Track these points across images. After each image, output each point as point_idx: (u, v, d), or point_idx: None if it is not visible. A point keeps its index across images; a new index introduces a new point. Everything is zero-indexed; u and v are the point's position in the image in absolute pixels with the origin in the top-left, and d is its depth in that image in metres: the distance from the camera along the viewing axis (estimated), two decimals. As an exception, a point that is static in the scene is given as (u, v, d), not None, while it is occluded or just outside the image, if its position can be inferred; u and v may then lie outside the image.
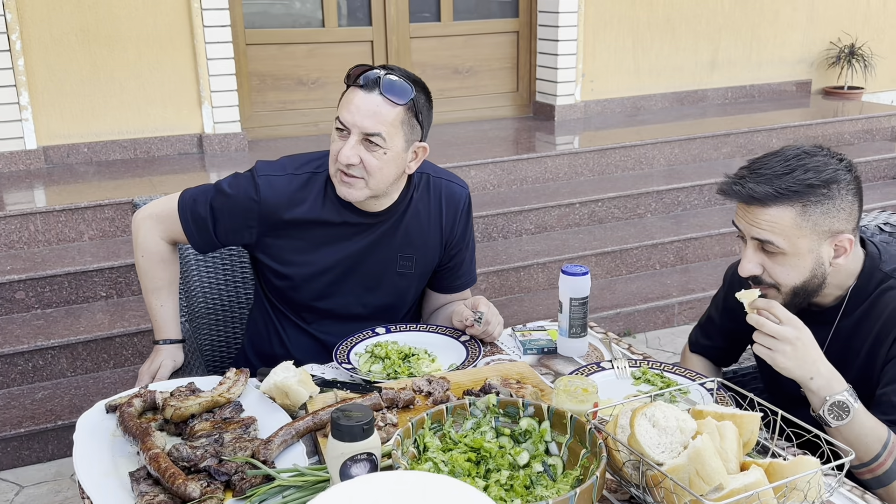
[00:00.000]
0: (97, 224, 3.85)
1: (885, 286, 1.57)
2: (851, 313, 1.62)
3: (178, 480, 1.29)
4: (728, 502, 1.11)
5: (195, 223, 1.94)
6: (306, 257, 1.96)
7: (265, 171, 1.92)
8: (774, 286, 1.56)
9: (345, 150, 1.79)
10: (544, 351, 1.87)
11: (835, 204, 1.51)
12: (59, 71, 4.36)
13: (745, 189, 1.52)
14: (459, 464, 1.31)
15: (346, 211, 1.92)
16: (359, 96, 1.79)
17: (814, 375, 1.47)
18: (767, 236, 1.52)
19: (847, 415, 1.45)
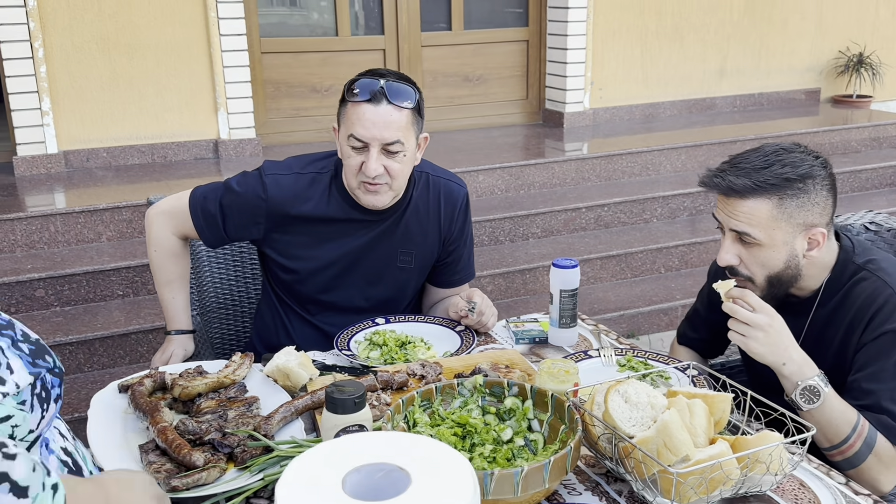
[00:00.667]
0: (115, 225, 3.97)
1: (858, 277, 1.65)
2: (826, 304, 1.69)
3: (183, 450, 1.38)
4: (691, 469, 1.19)
5: (205, 219, 2.04)
6: (311, 252, 2.06)
7: (272, 170, 2.02)
8: (750, 277, 1.64)
9: (371, 164, 1.86)
10: (535, 341, 1.95)
11: (809, 198, 1.59)
12: (80, 78, 4.50)
13: (725, 181, 1.60)
14: (446, 437, 1.39)
15: (350, 208, 2.02)
16: (369, 110, 1.86)
17: (786, 361, 1.54)
18: (745, 228, 1.60)
19: (818, 399, 1.53)
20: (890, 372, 1.56)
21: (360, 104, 1.86)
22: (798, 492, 1.35)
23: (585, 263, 4.28)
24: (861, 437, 1.52)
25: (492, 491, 1.21)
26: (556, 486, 1.29)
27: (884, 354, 1.57)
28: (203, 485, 1.34)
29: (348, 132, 1.89)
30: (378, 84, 1.86)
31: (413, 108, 1.90)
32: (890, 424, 1.53)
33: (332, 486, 0.94)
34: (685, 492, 1.22)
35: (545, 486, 1.23)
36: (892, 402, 1.54)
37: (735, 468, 1.23)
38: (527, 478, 1.21)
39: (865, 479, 1.53)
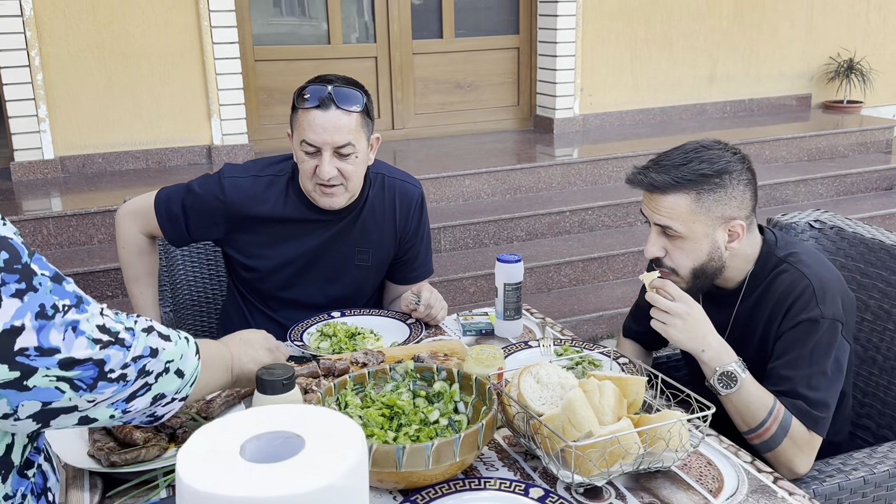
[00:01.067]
0: (106, 228, 4.08)
1: (779, 270, 1.72)
2: (750, 296, 1.76)
3: (125, 429, 1.47)
4: (589, 443, 1.27)
5: (169, 220, 2.13)
6: (270, 251, 2.14)
7: (231, 173, 2.12)
8: (675, 269, 1.71)
9: (324, 167, 1.95)
10: (482, 332, 2.03)
11: (727, 192, 1.66)
12: (76, 85, 4.62)
13: (647, 178, 1.68)
14: (374, 418, 1.47)
15: (306, 209, 2.10)
16: (319, 116, 1.94)
17: (705, 348, 1.61)
18: (667, 222, 1.67)
19: (735, 384, 1.59)
20: (806, 359, 1.62)
21: (310, 110, 1.94)
22: (704, 469, 1.42)
23: (568, 266, 4.35)
24: (777, 420, 1.58)
25: (404, 463, 1.29)
26: (471, 460, 1.37)
27: (800, 343, 1.63)
28: (142, 461, 1.43)
29: (300, 138, 1.97)
30: (326, 90, 1.94)
31: (361, 111, 1.98)
32: (804, 409, 1.60)
33: (230, 452, 1.02)
34: (586, 465, 1.29)
35: (456, 459, 1.31)
36: (807, 387, 1.61)
37: (634, 443, 1.30)
38: (437, 451, 1.29)
39: (782, 461, 1.60)
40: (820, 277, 1.67)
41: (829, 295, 1.64)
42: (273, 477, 0.97)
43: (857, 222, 2.23)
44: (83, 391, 1.10)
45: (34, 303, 1.04)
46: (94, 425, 1.18)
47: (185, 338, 1.28)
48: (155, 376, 1.19)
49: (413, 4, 5.59)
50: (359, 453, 1.02)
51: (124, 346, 1.13)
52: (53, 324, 1.06)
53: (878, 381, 2.04)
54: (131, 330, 1.16)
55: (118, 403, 1.16)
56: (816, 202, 5.27)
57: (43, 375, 1.05)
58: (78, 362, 1.08)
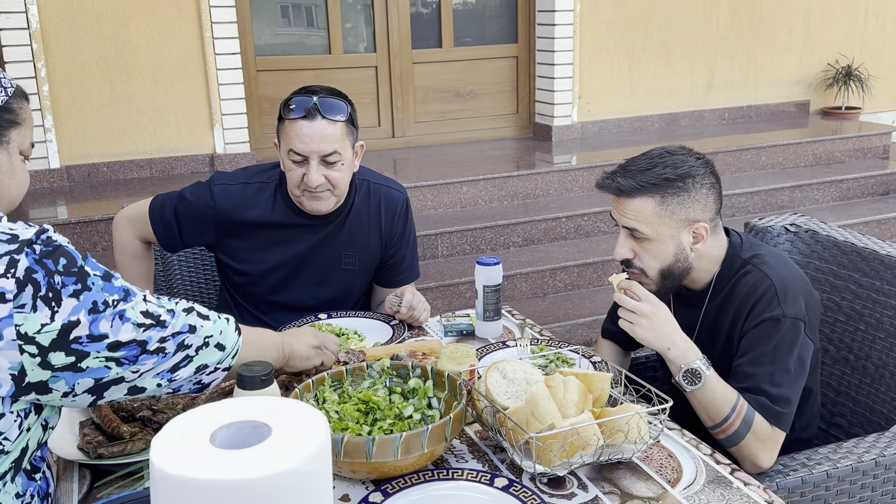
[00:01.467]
0: (109, 236, 4.16)
1: (743, 271, 1.78)
2: (716, 297, 1.82)
3: (113, 424, 1.54)
4: (549, 434, 1.33)
5: (163, 226, 2.21)
6: (260, 256, 2.22)
7: (220, 180, 2.20)
8: (644, 270, 1.77)
9: (312, 175, 2.03)
10: (463, 333, 2.09)
11: (690, 196, 1.73)
12: (81, 96, 4.72)
13: (614, 183, 1.74)
14: (350, 413, 1.54)
15: (294, 214, 2.18)
16: (305, 126, 2.02)
17: (670, 346, 1.67)
18: (633, 224, 1.74)
19: (699, 381, 1.65)
20: (769, 357, 1.68)
21: (297, 121, 2.02)
22: (664, 461, 1.48)
23: (563, 271, 4.41)
24: (740, 416, 1.64)
25: (374, 454, 1.35)
26: (440, 451, 1.43)
27: (763, 341, 1.69)
28: (128, 454, 1.50)
29: (288, 147, 2.05)
30: (311, 101, 2.02)
31: (346, 120, 2.06)
32: (767, 405, 1.66)
33: (200, 439, 1.09)
34: (548, 456, 1.35)
35: (424, 450, 1.37)
36: (770, 384, 1.67)
37: (594, 435, 1.37)
38: (406, 442, 1.35)
39: (746, 455, 1.66)
40: (782, 278, 1.72)
41: (791, 295, 1.70)
42: (240, 462, 1.04)
43: (831, 226, 2.28)
44: (127, 365, 1.29)
45: (88, 300, 1.23)
46: (144, 395, 1.35)
47: (226, 318, 1.45)
48: (195, 349, 1.37)
49: (412, 14, 5.67)
50: (321, 439, 1.08)
51: (164, 326, 1.31)
52: (104, 315, 1.24)
53: (850, 381, 2.09)
54: (172, 311, 1.34)
55: (163, 374, 1.34)
56: (814, 208, 5.31)
57: (94, 357, 1.25)
58: (123, 344, 1.27)
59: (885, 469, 1.72)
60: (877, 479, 1.72)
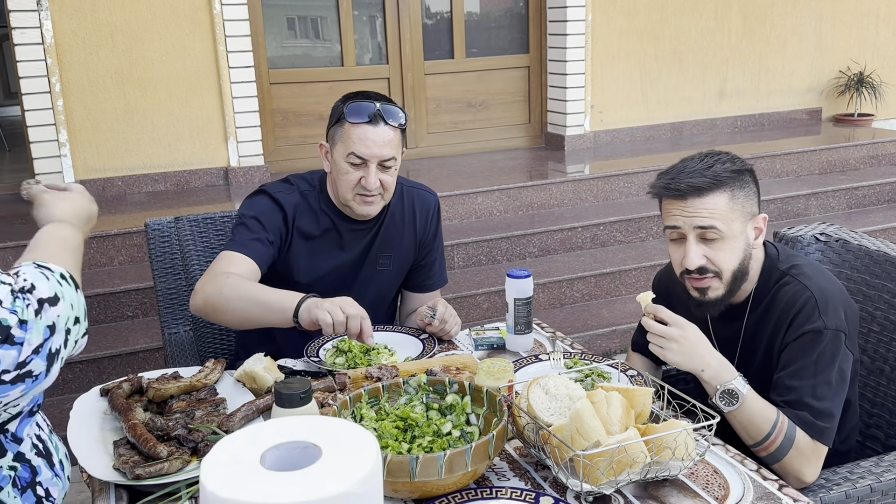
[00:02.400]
0: (126, 250, 4.16)
1: (781, 282, 1.75)
2: (756, 310, 1.80)
3: (150, 443, 1.52)
4: (596, 451, 1.31)
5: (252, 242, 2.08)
6: (311, 264, 2.20)
7: (275, 189, 2.18)
8: (717, 274, 1.73)
9: (370, 179, 2.05)
10: (493, 347, 2.08)
11: (751, 189, 1.74)
12: (95, 110, 4.73)
13: (684, 184, 1.70)
14: (388, 430, 1.52)
15: (342, 221, 2.19)
16: (370, 131, 2.03)
17: (704, 368, 1.65)
18: (709, 222, 1.69)
19: (737, 401, 1.63)
20: (810, 370, 1.66)
21: (361, 125, 2.04)
22: (710, 477, 1.45)
23: (580, 281, 4.39)
24: (781, 433, 1.61)
25: (418, 473, 1.33)
26: (483, 469, 1.41)
27: (804, 353, 1.67)
28: (166, 474, 1.48)
29: (348, 150, 2.06)
30: (375, 106, 2.04)
31: (403, 127, 2.09)
32: (809, 420, 1.63)
33: (251, 461, 1.07)
34: (594, 474, 1.33)
35: (468, 469, 1.35)
36: (812, 397, 1.64)
37: (641, 452, 1.34)
38: (450, 461, 1.33)
39: (789, 471, 1.63)
40: (822, 289, 1.70)
41: (832, 306, 1.68)
42: (292, 484, 1.02)
43: (862, 234, 2.26)
44: None
45: None
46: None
47: (61, 275, 1.29)
48: (63, 344, 1.24)
49: (425, 25, 5.68)
50: (373, 461, 1.06)
51: (15, 343, 1.14)
52: None
53: (887, 392, 2.06)
54: (24, 323, 1.16)
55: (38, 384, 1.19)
56: (828, 215, 5.28)
57: None
58: None
59: (929, 482, 1.69)
60: (920, 493, 1.70)
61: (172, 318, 2.49)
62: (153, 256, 2.48)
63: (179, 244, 2.49)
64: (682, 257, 1.75)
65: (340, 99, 2.13)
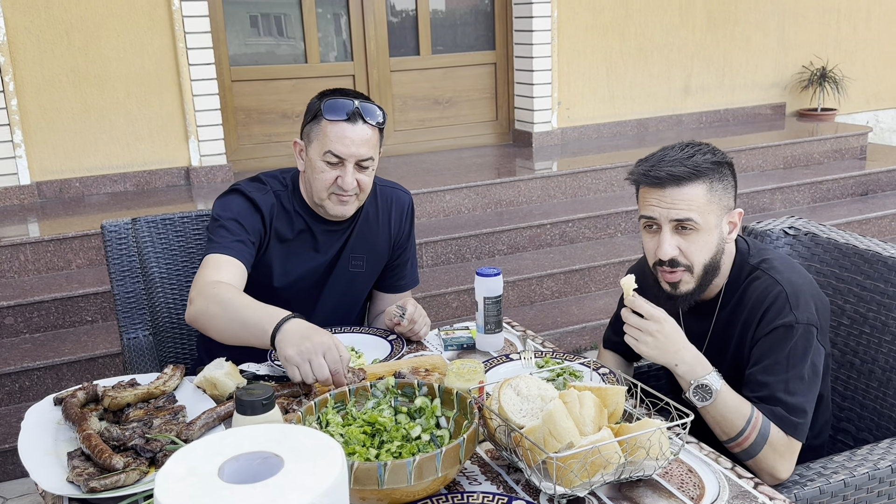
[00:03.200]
0: (84, 253, 4.05)
1: (752, 277, 1.73)
2: (727, 305, 1.78)
3: (105, 454, 1.45)
4: (570, 453, 1.27)
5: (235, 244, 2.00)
6: (285, 267, 2.13)
7: (250, 189, 2.09)
8: (688, 268, 1.70)
9: (347, 179, 1.99)
10: (463, 347, 2.03)
11: (729, 182, 1.71)
12: (51, 110, 4.60)
13: (664, 172, 1.66)
14: (355, 436, 1.47)
15: (316, 222, 2.12)
16: (349, 129, 1.98)
17: (678, 363, 1.62)
18: (686, 214, 1.66)
19: (710, 396, 1.60)
20: (782, 365, 1.64)
21: (339, 123, 1.97)
22: (685, 476, 1.42)
23: (550, 278, 4.36)
24: (755, 429, 1.59)
25: (386, 480, 1.28)
26: (453, 474, 1.37)
27: (776, 348, 1.65)
28: (122, 486, 1.41)
29: (325, 149, 1.99)
30: (353, 104, 1.98)
31: (381, 126, 2.03)
32: (783, 415, 1.61)
33: (208, 474, 1.01)
34: (568, 476, 1.29)
35: (438, 474, 1.31)
36: (785, 392, 1.62)
37: (615, 453, 1.31)
38: (419, 467, 1.29)
39: (763, 467, 1.61)
40: (793, 283, 1.68)
41: (803, 300, 1.66)
42: (252, 498, 0.97)
43: (830, 228, 2.26)
44: None
45: None
46: None
47: None
48: None
49: (390, 22, 5.62)
50: (338, 471, 1.01)
51: None
52: None
53: (857, 385, 2.06)
54: None
55: None
56: (793, 209, 5.32)
57: None
58: None
59: (902, 476, 1.68)
60: (893, 486, 1.69)
61: (131, 323, 2.41)
62: (110, 259, 2.40)
63: (137, 246, 2.41)
64: (655, 247, 1.72)
65: (317, 95, 2.06)
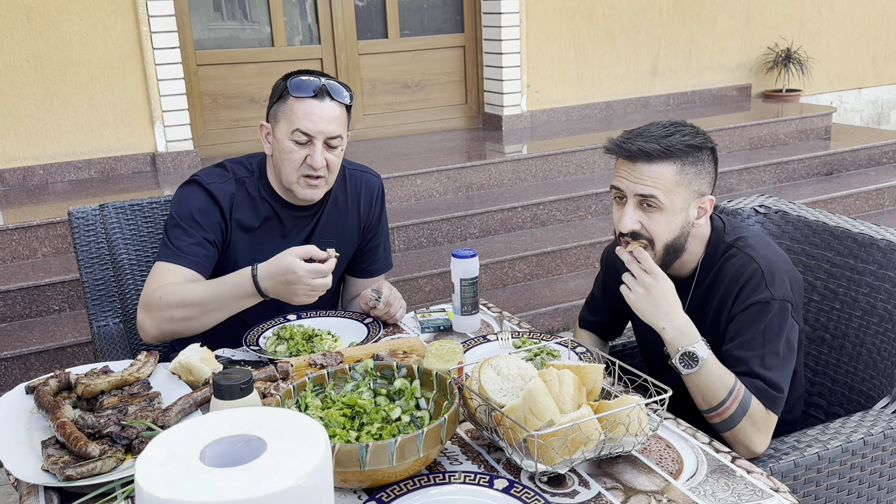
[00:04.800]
0: (50, 241, 3.98)
1: (727, 255, 1.75)
2: (702, 283, 1.79)
3: (80, 442, 1.43)
4: (550, 431, 1.27)
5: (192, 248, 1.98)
6: (252, 256, 2.06)
7: (209, 179, 2.05)
8: (650, 241, 1.71)
9: (317, 157, 1.96)
10: (440, 329, 2.03)
11: (703, 167, 1.70)
12: (13, 96, 4.50)
13: (636, 146, 1.67)
14: (335, 418, 1.46)
15: (284, 208, 2.09)
16: (315, 106, 1.95)
17: (665, 326, 1.63)
18: (650, 191, 1.67)
19: (696, 364, 1.61)
20: (758, 340, 1.66)
21: (306, 100, 1.95)
22: (664, 452, 1.44)
23: (522, 261, 4.37)
24: (736, 400, 1.61)
25: (368, 462, 1.28)
26: (435, 455, 1.37)
27: (752, 324, 1.67)
28: (99, 474, 1.39)
29: (293, 127, 1.96)
30: (320, 81, 1.97)
31: (348, 105, 2.02)
32: (762, 388, 1.63)
33: (190, 458, 1.00)
34: (549, 453, 1.30)
35: (420, 455, 1.31)
36: (762, 367, 1.64)
37: (595, 430, 1.32)
38: (401, 447, 1.28)
39: (740, 439, 1.63)
40: (768, 260, 1.70)
41: (778, 277, 1.68)
42: (236, 480, 0.96)
43: (801, 206, 2.29)
44: None
45: None
46: None
47: None
48: None
49: (357, 5, 5.56)
50: (322, 452, 1.01)
51: None
52: None
53: (828, 360, 2.09)
54: None
55: None
56: (759, 189, 5.39)
57: None
58: None
59: (873, 448, 1.71)
60: (865, 459, 1.72)
61: (101, 311, 2.38)
62: (78, 246, 2.36)
63: (105, 233, 2.37)
64: (619, 218, 1.74)
65: (282, 77, 2.03)
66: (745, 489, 1.33)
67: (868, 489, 1.75)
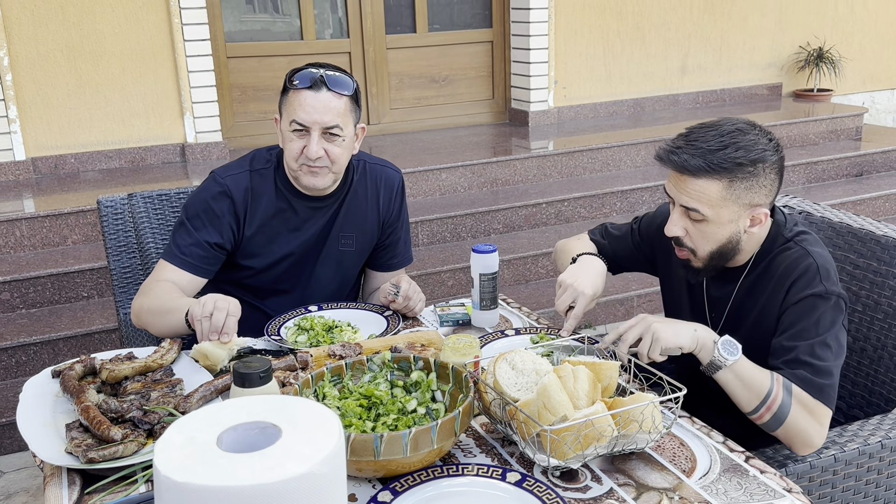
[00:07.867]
0: (80, 229, 4.05)
1: (783, 247, 1.72)
2: (753, 272, 1.76)
3: (103, 426, 1.46)
4: (563, 426, 1.28)
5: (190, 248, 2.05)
6: (266, 248, 2.14)
7: (225, 173, 2.11)
8: (693, 249, 1.71)
9: (312, 147, 1.99)
10: (459, 323, 2.05)
11: (758, 181, 1.64)
12: (46, 85, 4.58)
13: (680, 160, 1.64)
14: (352, 409, 1.48)
15: (298, 199, 2.12)
16: (311, 96, 1.98)
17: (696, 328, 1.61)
18: (694, 205, 1.65)
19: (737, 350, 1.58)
20: (810, 332, 1.61)
21: (302, 91, 1.98)
22: (677, 450, 1.44)
23: (545, 257, 4.37)
24: (780, 385, 1.56)
25: (382, 452, 1.30)
26: (449, 447, 1.38)
27: (804, 316, 1.63)
28: (120, 457, 1.43)
29: (290, 118, 2.00)
30: (318, 73, 1.99)
31: (351, 96, 2.02)
32: (807, 377, 1.58)
33: (207, 443, 1.03)
34: (561, 448, 1.31)
35: (433, 446, 1.32)
36: (810, 356, 1.59)
37: (608, 426, 1.33)
38: (415, 438, 1.30)
39: (795, 432, 1.56)
40: (824, 257, 1.68)
41: (833, 275, 1.66)
42: (251, 465, 0.98)
43: (825, 207, 2.27)
44: None
45: None
46: None
47: None
48: None
49: (386, 0, 5.58)
50: (336, 441, 1.03)
51: None
52: None
53: (848, 362, 2.08)
54: None
55: None
56: (788, 189, 5.33)
57: None
58: None
59: (891, 451, 1.70)
60: (882, 462, 1.71)
61: (127, 298, 2.42)
62: (106, 235, 2.40)
63: (133, 222, 2.42)
64: (667, 223, 1.74)
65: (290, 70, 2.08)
66: (758, 489, 1.33)
67: (885, 493, 1.75)
